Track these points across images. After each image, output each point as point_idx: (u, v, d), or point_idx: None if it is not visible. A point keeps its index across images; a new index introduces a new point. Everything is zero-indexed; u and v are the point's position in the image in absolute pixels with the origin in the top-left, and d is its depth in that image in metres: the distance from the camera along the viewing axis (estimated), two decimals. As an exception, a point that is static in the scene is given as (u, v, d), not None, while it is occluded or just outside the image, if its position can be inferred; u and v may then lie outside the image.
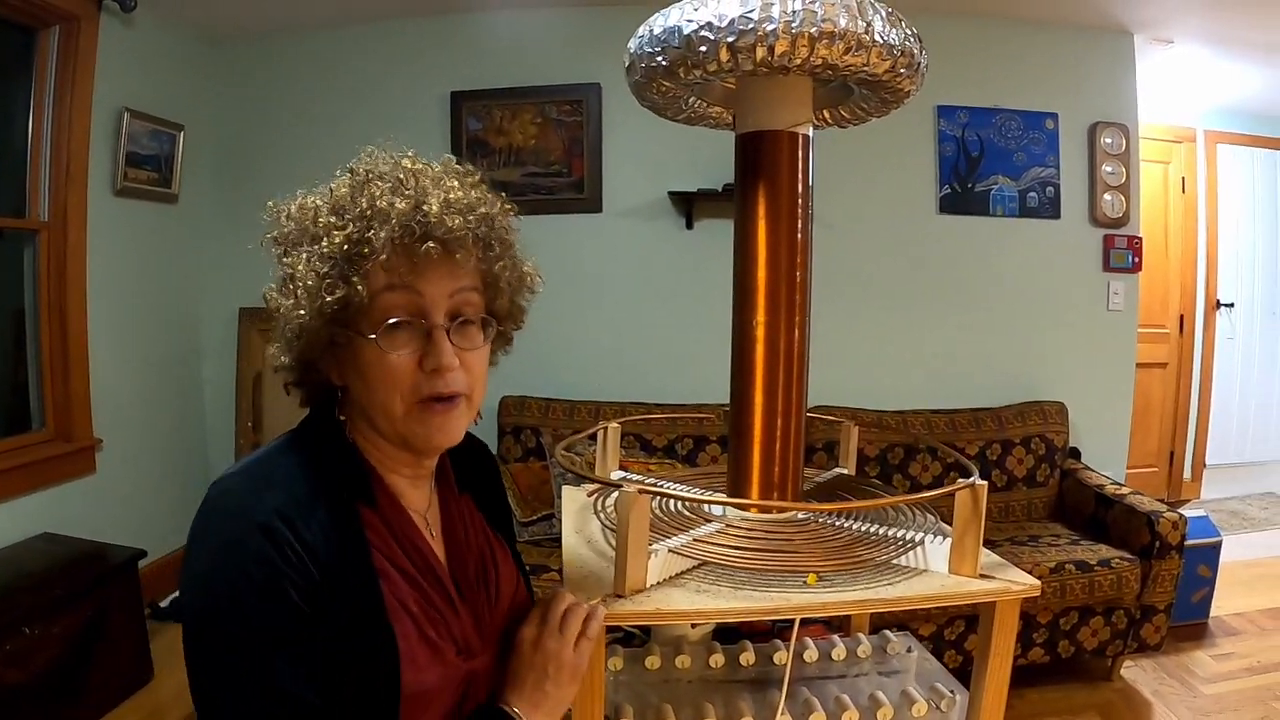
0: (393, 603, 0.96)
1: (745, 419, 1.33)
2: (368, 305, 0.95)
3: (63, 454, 3.46)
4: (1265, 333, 5.98)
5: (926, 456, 3.87)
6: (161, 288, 4.11)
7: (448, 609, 1.03)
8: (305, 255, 0.96)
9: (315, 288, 0.94)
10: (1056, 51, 4.20)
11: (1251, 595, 4.16)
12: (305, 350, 0.99)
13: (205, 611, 0.89)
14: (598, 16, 4.04)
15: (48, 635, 2.77)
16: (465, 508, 1.18)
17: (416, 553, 1.03)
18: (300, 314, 0.95)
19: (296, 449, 1.01)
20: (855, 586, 1.14)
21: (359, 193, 0.97)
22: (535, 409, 3.94)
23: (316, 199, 1.00)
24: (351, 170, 1.02)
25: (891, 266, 4.22)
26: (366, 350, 0.96)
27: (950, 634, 3.13)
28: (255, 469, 0.99)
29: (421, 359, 0.97)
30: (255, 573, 0.87)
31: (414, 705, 0.94)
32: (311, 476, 0.97)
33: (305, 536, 0.90)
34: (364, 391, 0.99)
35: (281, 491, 0.93)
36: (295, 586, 0.88)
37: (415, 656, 0.95)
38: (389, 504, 1.03)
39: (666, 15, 1.16)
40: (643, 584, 1.11)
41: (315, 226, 0.97)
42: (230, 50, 4.30)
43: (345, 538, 0.95)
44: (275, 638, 0.87)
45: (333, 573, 0.91)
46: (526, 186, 4.14)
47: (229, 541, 0.90)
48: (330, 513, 0.95)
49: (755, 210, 1.29)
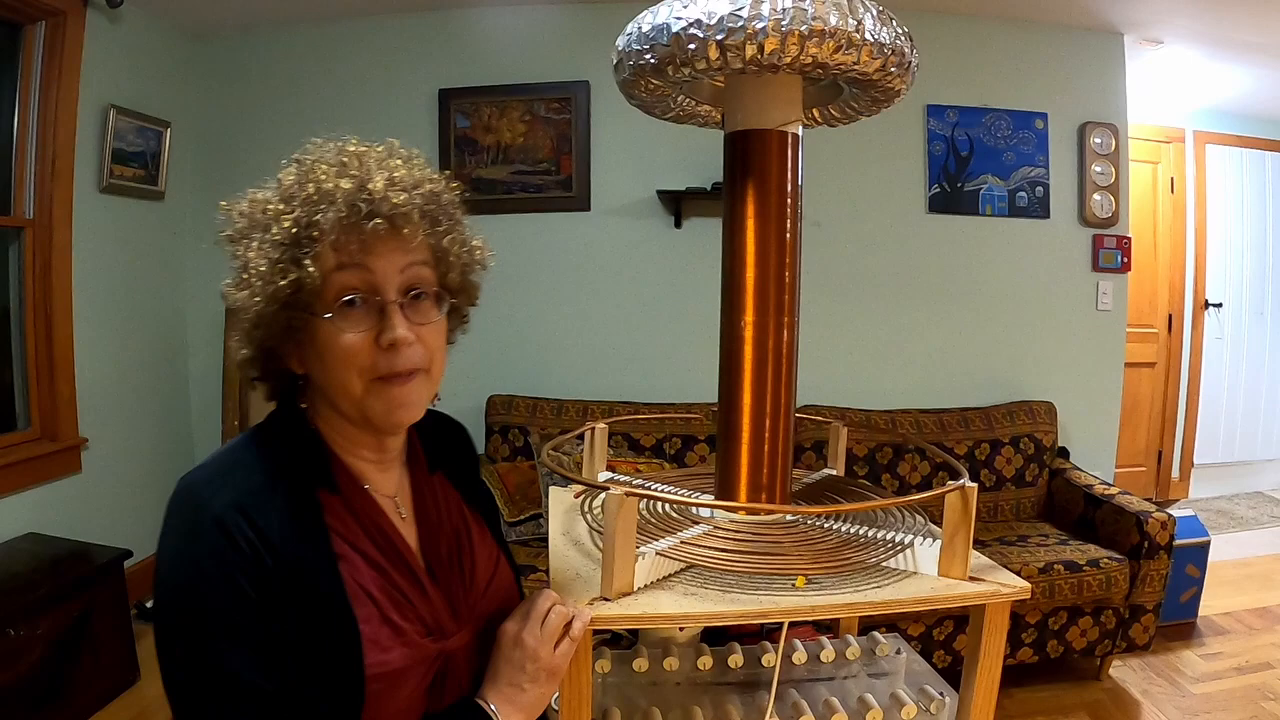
0: (353, 586, 0.97)
1: (733, 420, 1.32)
2: (320, 286, 0.95)
3: (48, 453, 3.44)
4: (1253, 332, 6.00)
5: (915, 456, 3.87)
6: (147, 285, 4.09)
7: (414, 590, 1.04)
8: (256, 244, 0.97)
9: (268, 274, 0.95)
10: (1046, 51, 4.20)
11: (1240, 595, 4.18)
12: (264, 339, 1.00)
13: (165, 605, 0.92)
14: (586, 14, 4.03)
15: (33, 636, 2.75)
16: (438, 487, 1.18)
17: (381, 535, 1.03)
18: (256, 301, 0.95)
19: (259, 441, 1.03)
20: (844, 589, 1.13)
21: (304, 178, 0.98)
22: (523, 408, 3.93)
23: (266, 192, 1.01)
24: (298, 160, 1.03)
25: (880, 266, 4.22)
26: (322, 330, 0.97)
27: (939, 634, 3.13)
28: (218, 463, 1.00)
29: (377, 335, 0.97)
30: (208, 566, 0.90)
31: (381, 686, 0.95)
32: (270, 466, 0.98)
33: (261, 526, 0.92)
34: (323, 373, 0.99)
35: (239, 483, 0.96)
36: (247, 576, 0.90)
37: (378, 639, 0.96)
38: (351, 488, 1.03)
39: (655, 13, 1.14)
40: (630, 587, 1.10)
41: (264, 216, 0.98)
42: (217, 47, 4.28)
43: (304, 525, 0.96)
44: (227, 628, 0.89)
45: (289, 560, 0.93)
46: (515, 184, 4.13)
47: (185, 536, 0.93)
48: (289, 501, 0.96)
49: (744, 210, 1.28)
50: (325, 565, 0.95)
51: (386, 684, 0.96)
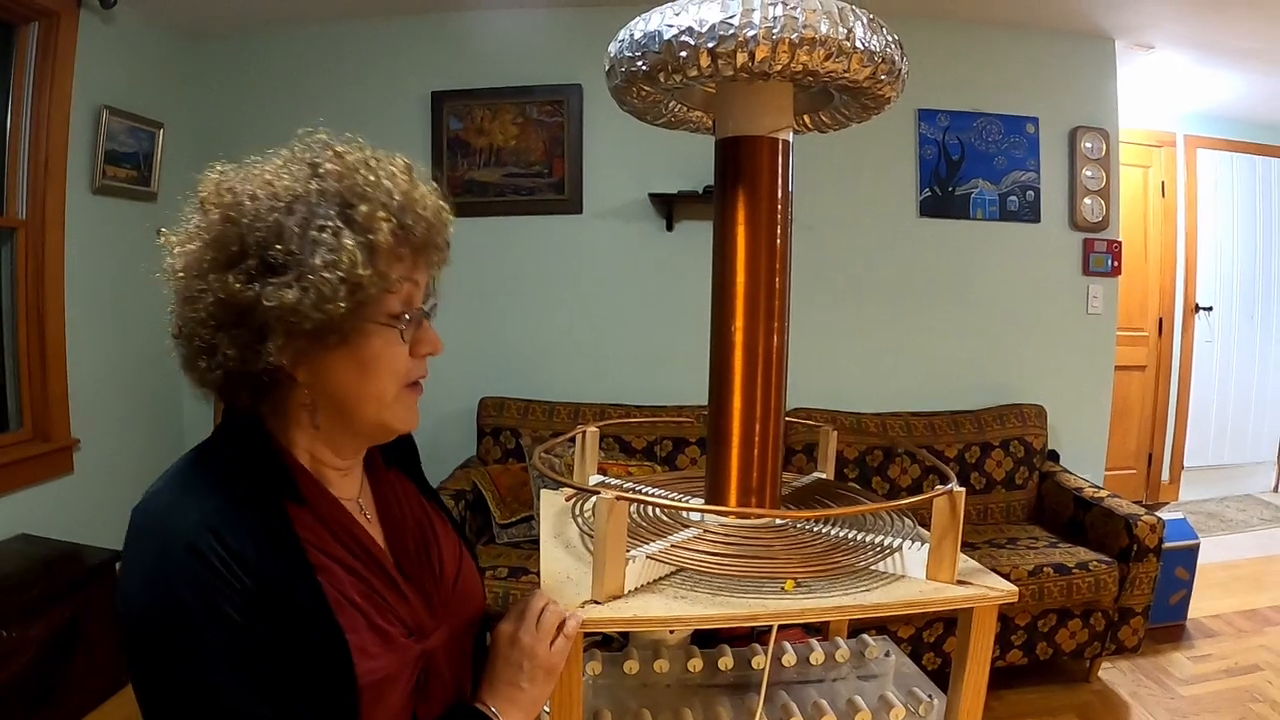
0: (335, 596, 0.95)
1: (724, 424, 1.33)
2: (381, 296, 0.95)
3: (40, 454, 3.42)
4: (1243, 336, 6.03)
5: (905, 459, 3.88)
6: (140, 286, 4.06)
7: (392, 593, 1.03)
8: (320, 253, 0.91)
9: (336, 279, 0.91)
10: (1038, 56, 4.22)
11: (1229, 597, 4.20)
12: (291, 342, 0.93)
13: (143, 638, 0.87)
14: (579, 17, 4.04)
15: (26, 637, 2.74)
16: (396, 482, 1.18)
17: (354, 541, 1.02)
18: (309, 303, 0.90)
19: (210, 459, 0.99)
20: (834, 592, 1.14)
21: (361, 178, 0.97)
22: (514, 410, 3.93)
23: (308, 183, 0.98)
24: (338, 153, 1.01)
25: (871, 269, 4.23)
26: (375, 339, 0.96)
27: (929, 636, 3.15)
28: (173, 486, 0.96)
29: (413, 346, 1.00)
30: (187, 595, 0.85)
31: (373, 694, 0.94)
32: (233, 483, 0.95)
33: (234, 546, 0.88)
34: (357, 381, 0.97)
35: (202, 503, 0.91)
36: (229, 601, 0.86)
37: (365, 646, 0.95)
38: (319, 498, 1.01)
39: (647, 20, 1.15)
40: (621, 590, 1.11)
41: (354, 210, 0.95)
42: (210, 48, 4.27)
43: (277, 540, 0.93)
44: (216, 657, 0.86)
45: (268, 578, 0.89)
46: (507, 187, 4.13)
47: (157, 566, 0.88)
48: (258, 517, 0.93)
49: (735, 215, 1.29)
50: (304, 578, 0.93)
51: (377, 691, 0.94)
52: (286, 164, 1.00)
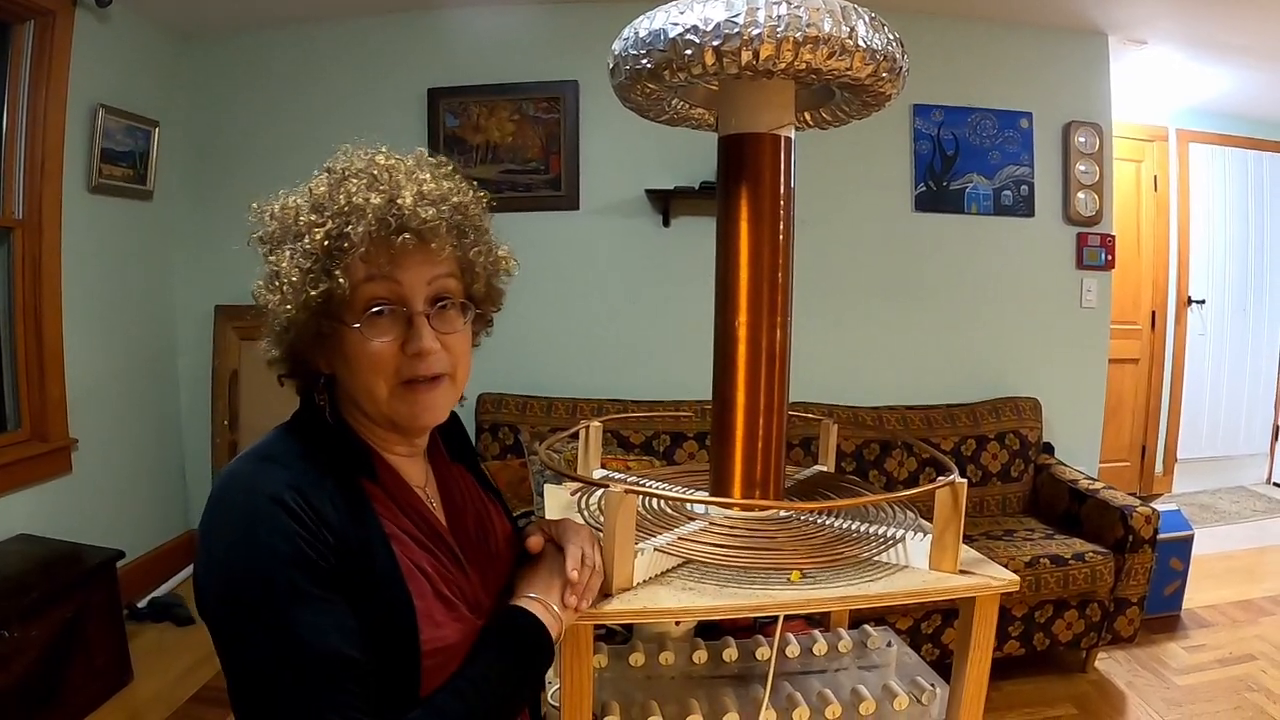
0: (407, 564, 1.00)
1: (728, 418, 1.34)
2: (350, 296, 0.98)
3: (39, 454, 3.43)
4: (1235, 329, 6.06)
5: (902, 452, 3.90)
6: (137, 285, 4.08)
7: (456, 568, 1.08)
8: (289, 252, 0.99)
9: (299, 283, 0.97)
10: (1031, 52, 4.23)
11: (1223, 588, 4.22)
12: (294, 343, 1.02)
13: (234, 593, 0.91)
14: (575, 13, 4.05)
15: (26, 638, 2.75)
16: (458, 475, 1.24)
17: (422, 520, 1.07)
18: (287, 309, 0.98)
19: (294, 434, 1.05)
20: (838, 583, 1.16)
21: (336, 190, 1.01)
22: (513, 406, 3.94)
23: (297, 198, 1.04)
24: (329, 169, 1.05)
25: (866, 264, 4.25)
26: (350, 338, 1.00)
27: (927, 628, 3.16)
28: (259, 453, 1.01)
29: (403, 344, 1.01)
30: (276, 542, 0.90)
31: (435, 661, 0.98)
32: (314, 455, 1.00)
33: (317, 505, 0.93)
34: (350, 377, 1.03)
35: (288, 470, 0.96)
36: (315, 550, 0.91)
37: (433, 614, 0.99)
38: (390, 477, 1.07)
39: (651, 18, 1.16)
40: (629, 582, 1.12)
41: (297, 225, 1.01)
42: (206, 46, 4.27)
43: (354, 507, 0.98)
44: (309, 601, 0.89)
45: (347, 539, 0.94)
46: (504, 183, 4.13)
47: (245, 519, 0.92)
48: (337, 486, 0.98)
49: (737, 212, 1.30)
50: (380, 544, 0.98)
51: (442, 659, 0.98)
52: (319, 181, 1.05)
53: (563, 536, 1.14)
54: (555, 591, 1.07)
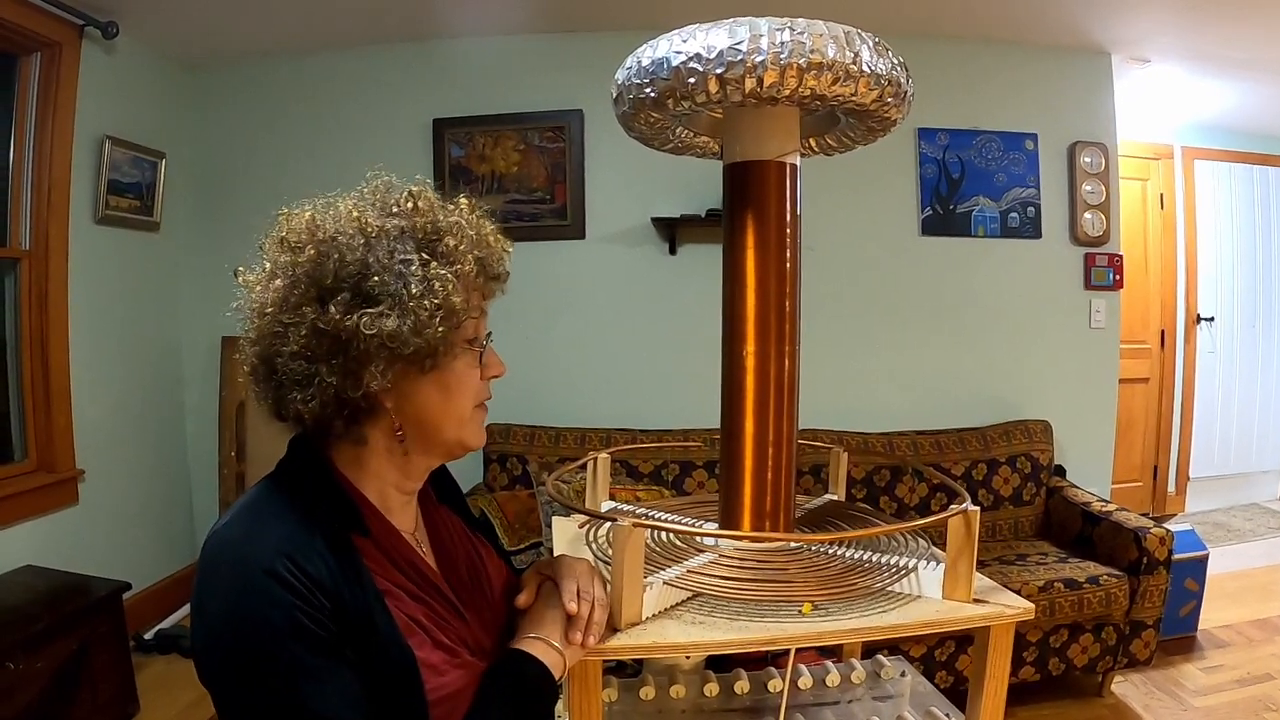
0: (403, 619, 1.00)
1: (736, 448, 1.33)
2: (465, 323, 1.05)
3: (45, 485, 3.42)
4: (1245, 345, 6.03)
5: (913, 478, 3.87)
6: (143, 316, 4.09)
7: (453, 616, 1.08)
8: (413, 284, 0.99)
9: (432, 306, 0.99)
10: (1035, 73, 4.24)
11: (1239, 607, 4.18)
12: (404, 367, 1.01)
13: (232, 667, 0.90)
14: (579, 43, 4.06)
15: (32, 670, 2.73)
16: (446, 517, 1.24)
17: (414, 570, 1.07)
18: (407, 329, 0.98)
19: (280, 490, 1.03)
20: (851, 615, 1.14)
21: (466, 220, 1.09)
22: (520, 436, 3.93)
23: (425, 217, 1.06)
24: (420, 193, 1.08)
25: (874, 288, 4.23)
26: (460, 363, 1.06)
27: (941, 654, 3.13)
28: (245, 515, 1.00)
29: (481, 370, 1.10)
30: (273, 616, 0.89)
31: (442, 710, 0.98)
32: (302, 513, 0.99)
33: (309, 570, 0.92)
34: (442, 403, 1.06)
35: (277, 532, 0.95)
36: (311, 619, 0.90)
37: (434, 664, 0.99)
38: (381, 529, 1.06)
39: (655, 47, 1.16)
40: (639, 617, 1.11)
41: (445, 245, 1.04)
42: (212, 77, 4.30)
43: (346, 566, 0.97)
44: (308, 673, 0.89)
45: (342, 600, 0.94)
46: (509, 214, 4.13)
47: (239, 592, 0.91)
48: (328, 544, 0.97)
49: (744, 240, 1.30)
50: (374, 602, 0.97)
51: (449, 706, 0.99)
52: (358, 203, 1.06)
53: (559, 573, 1.14)
54: (557, 627, 1.08)
